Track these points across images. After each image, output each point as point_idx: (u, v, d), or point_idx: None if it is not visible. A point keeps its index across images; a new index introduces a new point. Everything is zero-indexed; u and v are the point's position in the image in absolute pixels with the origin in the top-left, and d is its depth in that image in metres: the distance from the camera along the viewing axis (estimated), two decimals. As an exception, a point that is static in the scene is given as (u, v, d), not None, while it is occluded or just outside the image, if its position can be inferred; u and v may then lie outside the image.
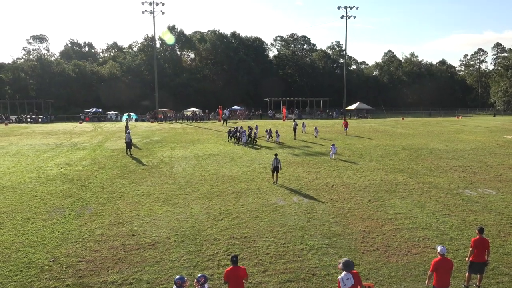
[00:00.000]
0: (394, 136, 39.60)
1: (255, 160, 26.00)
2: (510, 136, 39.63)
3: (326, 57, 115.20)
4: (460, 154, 27.94)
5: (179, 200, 16.70)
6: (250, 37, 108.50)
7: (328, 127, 49.58)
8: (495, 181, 20.00)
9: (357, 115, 78.60)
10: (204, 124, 56.74)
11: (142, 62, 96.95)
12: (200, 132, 44.51)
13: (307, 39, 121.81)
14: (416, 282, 9.75)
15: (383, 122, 59.48)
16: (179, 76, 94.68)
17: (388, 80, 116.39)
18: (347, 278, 7.34)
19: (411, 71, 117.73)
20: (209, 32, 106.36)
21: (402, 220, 14.11)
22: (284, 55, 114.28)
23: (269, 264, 10.69)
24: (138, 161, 25.60)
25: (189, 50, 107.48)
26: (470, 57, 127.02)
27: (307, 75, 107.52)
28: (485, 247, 9.45)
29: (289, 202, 16.38)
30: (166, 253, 11.37)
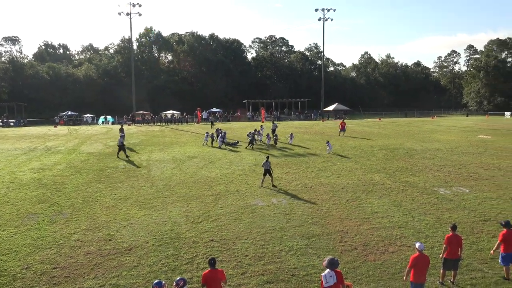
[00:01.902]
0: (371, 136, 40.16)
1: (234, 162, 25.95)
2: (482, 135, 40.74)
3: (304, 59, 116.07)
4: (435, 154, 28.55)
5: (157, 204, 16.52)
6: (228, 39, 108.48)
7: (306, 128, 49.92)
8: (468, 180, 20.51)
9: (335, 116, 79.43)
10: (182, 127, 56.32)
11: (118, 64, 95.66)
12: (178, 134, 44.14)
13: (285, 41, 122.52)
14: (393, 280, 9.89)
15: (361, 123, 60.27)
16: (157, 78, 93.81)
17: (365, 81, 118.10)
18: (330, 276, 7.43)
19: (387, 72, 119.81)
20: (187, 34, 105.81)
21: (379, 219, 14.32)
22: (262, 57, 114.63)
23: (248, 266, 10.68)
24: (115, 165, 25.20)
25: (167, 52, 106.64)
26: (444, 58, 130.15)
27: (285, 77, 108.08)
28: (458, 244, 9.68)
29: (268, 204, 16.41)
30: (144, 258, 11.22)
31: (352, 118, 74.73)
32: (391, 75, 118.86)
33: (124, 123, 63.95)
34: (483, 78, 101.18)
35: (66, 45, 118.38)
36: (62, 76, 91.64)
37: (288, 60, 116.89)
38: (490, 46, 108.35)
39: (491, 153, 28.95)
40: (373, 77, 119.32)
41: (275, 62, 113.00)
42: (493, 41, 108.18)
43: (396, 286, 9.60)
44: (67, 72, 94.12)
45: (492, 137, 38.91)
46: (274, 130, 37.33)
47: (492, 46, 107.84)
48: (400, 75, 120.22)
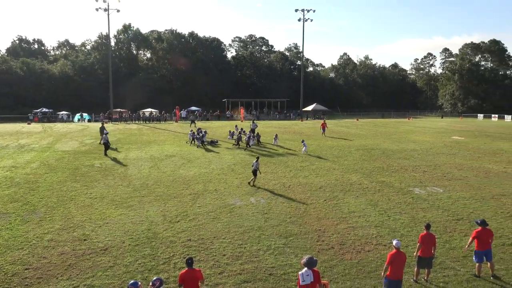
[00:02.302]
0: (349, 136, 40.66)
1: (212, 161, 25.85)
2: (456, 137, 41.77)
3: (284, 59, 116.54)
4: (411, 154, 29.11)
5: (134, 203, 16.30)
6: (208, 37, 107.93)
7: (285, 128, 50.16)
8: (443, 180, 20.99)
9: (314, 116, 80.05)
10: (160, 125, 55.79)
11: (96, 61, 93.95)
12: (156, 133, 43.70)
13: (265, 40, 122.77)
14: (368, 278, 10.03)
15: (339, 123, 60.97)
16: (135, 76, 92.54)
17: (343, 82, 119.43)
18: (307, 275, 7.50)
19: (366, 73, 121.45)
20: (166, 32, 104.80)
21: (356, 219, 14.50)
22: (242, 56, 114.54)
23: (226, 266, 10.64)
24: (91, 163, 24.76)
25: (145, 49, 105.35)
26: (420, 61, 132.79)
27: (265, 76, 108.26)
28: (432, 242, 9.89)
29: (246, 203, 16.40)
30: (120, 258, 11.05)
31: (331, 118, 75.46)
32: (369, 76, 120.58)
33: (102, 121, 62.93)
34: (457, 81, 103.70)
35: (41, 40, 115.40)
36: (36, 72, 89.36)
37: (268, 60, 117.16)
38: (464, 49, 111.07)
39: (464, 154, 29.71)
40: (352, 78, 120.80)
41: (255, 62, 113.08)
42: (467, 45, 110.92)
43: (372, 284, 9.74)
44: (42, 68, 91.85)
45: (465, 138, 39.94)
46: (254, 130, 37.36)
47: (466, 49, 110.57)
48: (378, 77, 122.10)
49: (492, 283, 9.90)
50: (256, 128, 38.03)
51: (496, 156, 28.91)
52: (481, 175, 22.14)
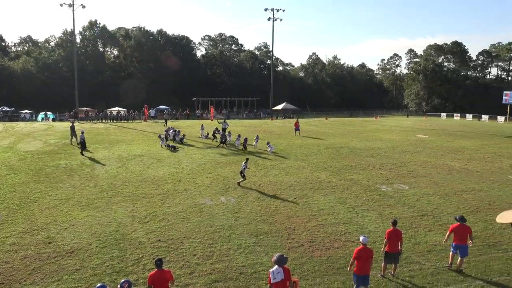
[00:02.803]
0: (318, 135, 41.19)
1: (182, 160, 25.60)
2: (421, 135, 43.07)
3: (254, 58, 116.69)
4: (378, 152, 29.80)
5: (101, 204, 15.93)
6: (177, 35, 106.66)
7: (255, 127, 50.28)
8: (408, 177, 21.60)
9: (284, 115, 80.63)
10: (128, 124, 54.77)
11: (60, 58, 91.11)
12: (124, 132, 42.87)
13: (235, 39, 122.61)
14: (338, 274, 10.21)
15: (308, 122, 61.65)
16: (101, 74, 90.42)
17: (312, 82, 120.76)
18: (278, 272, 7.56)
19: (334, 73, 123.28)
20: (134, 29, 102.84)
21: (325, 216, 14.71)
22: (212, 55, 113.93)
23: (196, 266, 10.58)
24: (55, 164, 24.02)
25: (112, 47, 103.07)
26: (387, 61, 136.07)
27: (235, 75, 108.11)
28: (398, 238, 10.17)
29: (216, 202, 16.35)
30: (87, 260, 10.78)
31: (300, 117, 76.11)
32: (337, 76, 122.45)
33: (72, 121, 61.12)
34: (422, 81, 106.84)
35: (1, 36, 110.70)
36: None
37: (237, 59, 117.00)
38: (428, 50, 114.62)
39: (429, 151, 30.68)
40: (321, 77, 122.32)
41: (224, 60, 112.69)
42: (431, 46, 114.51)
43: (341, 280, 9.92)
44: (2, 65, 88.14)
45: (429, 137, 41.24)
46: (225, 129, 37.20)
47: (430, 50, 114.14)
48: (346, 76, 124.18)
49: (455, 275, 10.27)
50: (227, 127, 37.92)
51: (458, 153, 30.00)
52: (444, 172, 22.92)
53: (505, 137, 42.76)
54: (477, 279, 10.15)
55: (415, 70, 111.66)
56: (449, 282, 9.94)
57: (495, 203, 16.63)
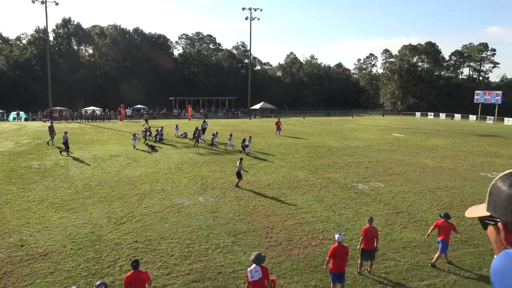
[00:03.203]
0: (296, 134, 41.44)
1: (159, 160, 25.34)
2: (396, 134, 43.87)
3: (232, 57, 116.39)
4: (354, 151, 30.20)
5: (76, 205, 15.62)
6: (154, 34, 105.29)
7: (233, 126, 50.21)
8: (384, 175, 21.98)
9: (262, 114, 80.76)
10: (104, 124, 53.85)
11: (33, 56, 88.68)
12: (100, 132, 42.12)
13: (212, 38, 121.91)
14: (315, 272, 10.30)
15: (286, 121, 61.93)
16: (76, 72, 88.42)
17: (290, 81, 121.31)
18: (256, 271, 7.61)
19: (311, 73, 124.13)
20: (109, 27, 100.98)
21: (303, 215, 14.82)
22: (189, 54, 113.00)
23: (174, 266, 10.49)
24: (28, 164, 23.41)
25: (87, 45, 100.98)
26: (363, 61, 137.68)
27: (212, 74, 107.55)
28: (374, 235, 10.34)
29: (194, 202, 16.25)
30: (61, 263, 10.56)
31: (278, 116, 76.47)
32: (315, 75, 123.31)
33: (39, 120, 59.67)
34: (397, 81, 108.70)
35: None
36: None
37: (215, 58, 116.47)
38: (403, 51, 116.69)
39: (404, 150, 31.28)
40: (298, 77, 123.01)
41: (202, 60, 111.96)
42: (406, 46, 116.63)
43: (318, 277, 10.01)
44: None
45: (404, 135, 42.05)
46: (205, 129, 37.01)
47: (405, 51, 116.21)
48: (323, 76, 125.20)
49: (429, 271, 10.51)
50: (206, 127, 37.77)
51: (432, 151, 30.69)
52: (419, 170, 23.41)
53: (476, 135, 44.00)
54: (450, 273, 10.41)
55: (391, 70, 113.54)
56: (423, 278, 10.17)
57: (467, 200, 17.10)
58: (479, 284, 9.89)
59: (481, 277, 10.23)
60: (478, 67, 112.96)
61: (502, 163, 26.15)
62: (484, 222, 1.29)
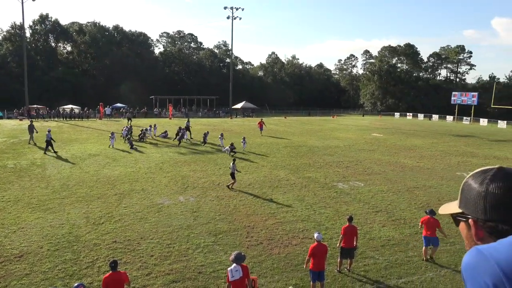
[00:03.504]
0: (277, 134, 41.57)
1: (139, 160, 25.06)
2: (376, 134, 44.47)
3: (213, 56, 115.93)
4: (335, 151, 30.48)
5: (54, 205, 15.31)
6: (134, 31, 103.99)
7: (215, 125, 50.03)
8: (363, 174, 22.25)
9: (243, 114, 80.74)
10: (83, 122, 52.96)
11: (8, 53, 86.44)
12: (78, 130, 41.39)
13: (194, 37, 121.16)
14: (296, 271, 10.36)
15: (267, 121, 61.96)
16: (53, 70, 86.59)
17: (272, 81, 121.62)
18: (236, 270, 7.58)
19: (293, 72, 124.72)
20: (88, 24, 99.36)
21: (283, 214, 14.88)
22: (170, 52, 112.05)
23: (153, 266, 10.39)
24: (3, 164, 22.83)
25: (65, 42, 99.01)
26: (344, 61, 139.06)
27: (194, 74, 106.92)
28: (353, 234, 10.46)
29: (175, 202, 16.13)
30: (38, 264, 10.33)
31: (260, 116, 76.60)
32: (296, 75, 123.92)
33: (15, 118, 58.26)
34: (377, 81, 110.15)
35: None
36: None
37: (197, 57, 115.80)
38: (383, 52, 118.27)
39: (383, 150, 31.73)
40: (280, 76, 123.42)
41: (183, 58, 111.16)
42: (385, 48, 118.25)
43: (299, 276, 10.07)
44: None
45: (384, 135, 42.66)
46: (188, 127, 36.58)
47: (384, 52, 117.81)
48: (304, 76, 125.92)
49: (407, 269, 10.69)
50: (190, 126, 37.43)
51: (411, 151, 31.23)
52: (398, 170, 23.79)
53: (453, 135, 44.98)
54: (427, 271, 10.61)
55: (370, 71, 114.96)
56: (401, 275, 10.33)
57: (444, 199, 17.46)
58: (455, 281, 10.11)
59: (457, 274, 10.46)
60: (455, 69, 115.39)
61: (478, 162, 26.79)
62: (456, 219, 1.33)
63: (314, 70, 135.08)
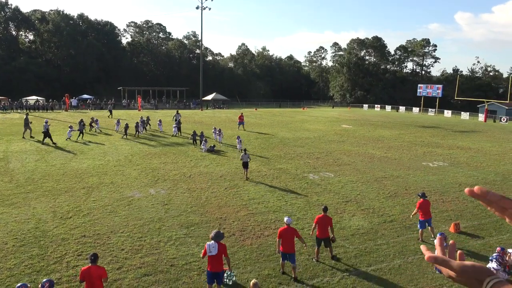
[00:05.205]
0: (248, 126, 41.53)
1: (108, 152, 24.53)
2: (345, 125, 45.20)
3: (183, 47, 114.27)
4: (305, 142, 30.79)
5: (18, 200, 14.80)
6: (100, 20, 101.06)
7: (186, 117, 49.48)
8: (333, 165, 22.60)
9: (214, 105, 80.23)
10: (48, 114, 51.21)
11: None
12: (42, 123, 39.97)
13: (162, 27, 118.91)
14: (268, 261, 10.45)
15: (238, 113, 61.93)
16: (15, 60, 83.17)
17: (242, 72, 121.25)
18: (213, 246, 8.35)
19: (263, 64, 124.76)
20: (51, 12, 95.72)
21: (255, 205, 14.95)
22: (138, 43, 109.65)
23: (124, 260, 10.25)
24: (-37, 157, 21.85)
25: (27, 31, 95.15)
26: (313, 54, 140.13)
27: (163, 64, 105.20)
28: (327, 224, 10.66)
29: (145, 195, 15.92)
30: (2, 261, 9.99)
31: (230, 108, 76.34)
32: (266, 67, 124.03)
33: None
34: (346, 73, 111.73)
35: None
36: None
37: (165, 47, 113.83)
38: (351, 44, 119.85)
39: (352, 141, 32.30)
40: (250, 68, 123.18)
41: (152, 49, 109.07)
42: (354, 40, 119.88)
43: (271, 267, 10.17)
44: None
45: (353, 127, 43.41)
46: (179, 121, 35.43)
47: (353, 44, 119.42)
48: (275, 67, 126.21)
49: (376, 256, 10.98)
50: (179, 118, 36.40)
51: (379, 142, 31.94)
52: (366, 160, 24.30)
53: (419, 126, 46.27)
54: (395, 258, 10.94)
55: (340, 63, 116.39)
56: (370, 263, 10.61)
57: (410, 188, 17.99)
58: (422, 267, 10.47)
59: (423, 260, 10.83)
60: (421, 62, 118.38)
61: (442, 153, 27.72)
62: None
63: (285, 62, 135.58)
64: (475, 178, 20.40)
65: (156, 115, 49.07)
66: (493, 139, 36.53)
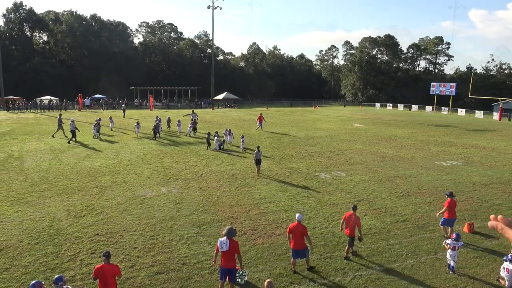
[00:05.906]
0: (260, 125, 41.51)
1: (120, 151, 24.75)
2: (357, 124, 44.92)
3: (194, 47, 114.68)
4: (317, 141, 30.69)
5: (33, 198, 15.03)
6: (113, 21, 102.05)
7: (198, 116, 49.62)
8: (345, 164, 22.49)
9: (225, 105, 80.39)
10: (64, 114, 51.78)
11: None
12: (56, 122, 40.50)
13: (174, 27, 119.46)
14: (279, 260, 10.45)
15: (249, 112, 61.93)
16: (29, 60, 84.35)
17: (253, 71, 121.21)
18: (224, 242, 8.48)
19: (274, 63, 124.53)
20: (65, 13, 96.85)
21: (267, 204, 14.95)
22: (150, 42, 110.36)
23: (137, 258, 10.34)
24: (-21, 157, 22.24)
25: (41, 32, 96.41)
26: (325, 52, 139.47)
27: (174, 64, 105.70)
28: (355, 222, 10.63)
29: (157, 194, 16.03)
30: (18, 258, 10.16)
31: (242, 107, 76.44)
32: (277, 66, 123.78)
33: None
34: (357, 72, 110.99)
35: None
36: None
37: (177, 47, 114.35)
38: (363, 43, 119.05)
39: (364, 140, 32.10)
40: (261, 67, 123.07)
41: (163, 49, 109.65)
42: (366, 39, 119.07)
43: (283, 266, 10.17)
44: None
45: (364, 126, 43.13)
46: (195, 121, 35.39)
47: (365, 43, 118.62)
48: (286, 66, 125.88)
49: (388, 256, 10.90)
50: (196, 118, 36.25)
51: (391, 141, 31.68)
52: (378, 159, 24.12)
53: (432, 125, 45.78)
54: (408, 258, 10.85)
55: (351, 62, 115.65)
56: (383, 263, 10.54)
57: (423, 187, 17.81)
58: (435, 267, 10.37)
59: (436, 260, 10.73)
60: (434, 60, 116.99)
61: (456, 152, 27.39)
62: None
63: (296, 61, 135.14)
64: (490, 178, 20.11)
65: (169, 114, 49.33)
66: (508, 138, 35.98)
